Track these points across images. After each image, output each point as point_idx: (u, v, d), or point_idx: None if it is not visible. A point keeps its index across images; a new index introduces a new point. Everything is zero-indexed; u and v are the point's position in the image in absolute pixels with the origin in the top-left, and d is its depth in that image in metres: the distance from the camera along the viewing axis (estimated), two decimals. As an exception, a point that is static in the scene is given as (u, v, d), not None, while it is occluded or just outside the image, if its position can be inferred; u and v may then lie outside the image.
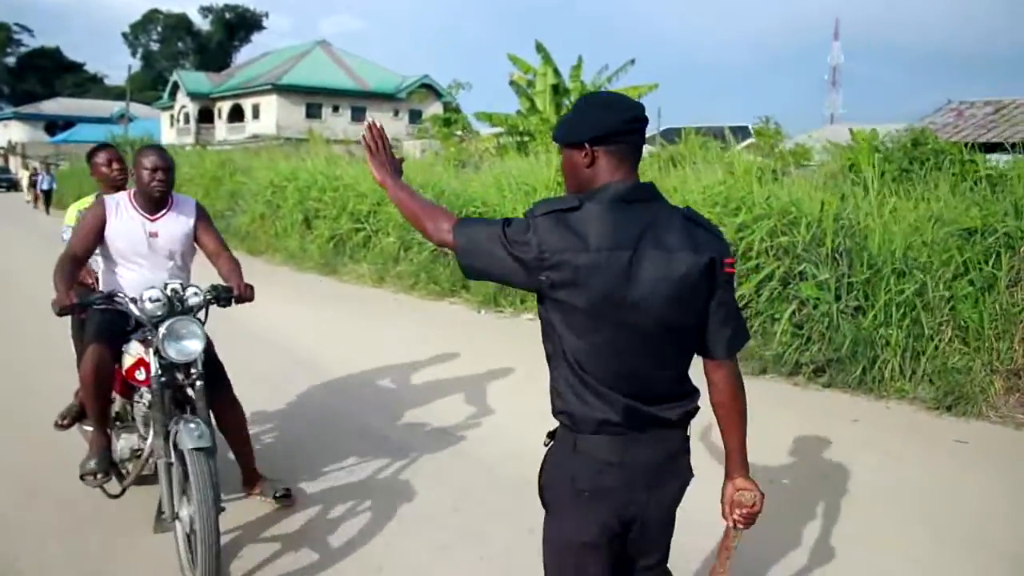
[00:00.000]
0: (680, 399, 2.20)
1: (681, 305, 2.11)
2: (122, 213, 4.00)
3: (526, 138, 20.67)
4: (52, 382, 5.65)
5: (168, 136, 47.41)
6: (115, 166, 4.72)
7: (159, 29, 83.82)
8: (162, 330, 3.49)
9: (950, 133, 19.48)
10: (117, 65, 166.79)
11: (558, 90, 21.46)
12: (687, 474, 2.31)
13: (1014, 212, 7.15)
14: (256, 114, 46.34)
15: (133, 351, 3.77)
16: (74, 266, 3.83)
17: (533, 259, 2.06)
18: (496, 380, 6.83)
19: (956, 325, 6.75)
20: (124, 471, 4.00)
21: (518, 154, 16.75)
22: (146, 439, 3.76)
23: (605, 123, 2.13)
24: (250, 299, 3.89)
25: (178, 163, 16.76)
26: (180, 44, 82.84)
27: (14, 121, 61.53)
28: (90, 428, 4.09)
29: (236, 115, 48.16)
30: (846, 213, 7.58)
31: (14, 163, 51.83)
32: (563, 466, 2.19)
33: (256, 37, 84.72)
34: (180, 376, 3.63)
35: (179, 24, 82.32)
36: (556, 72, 21.24)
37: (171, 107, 52.75)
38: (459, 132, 25.49)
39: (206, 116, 50.22)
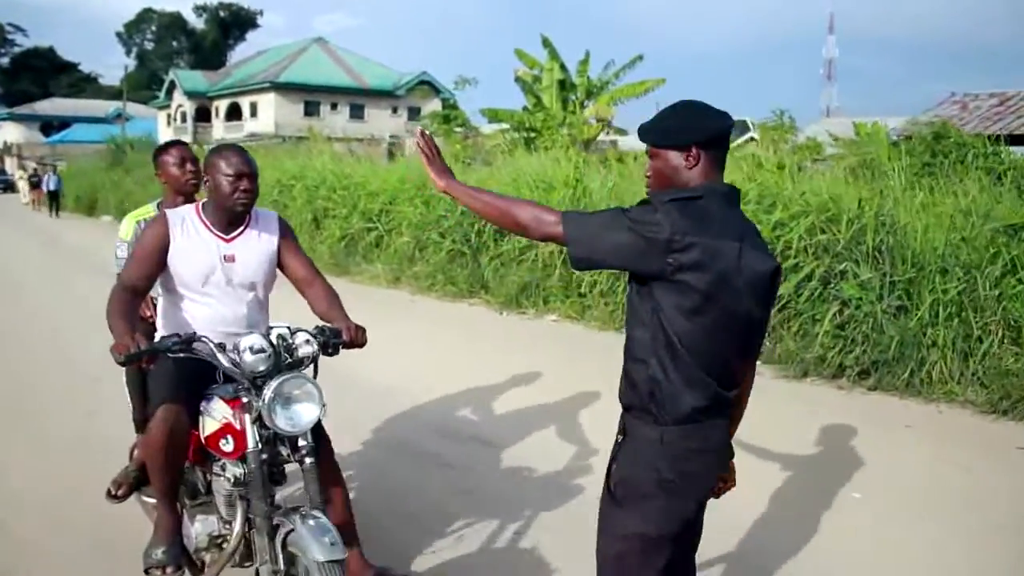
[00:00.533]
0: (738, 387, 2.35)
1: (762, 301, 2.29)
2: (189, 232, 3.15)
3: (532, 134, 20.47)
4: (66, 399, 5.45)
5: (165, 135, 46.91)
6: (188, 168, 3.89)
7: (153, 28, 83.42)
8: (268, 392, 2.68)
9: (956, 126, 19.27)
10: (111, 65, 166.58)
11: (564, 86, 21.24)
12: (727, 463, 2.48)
13: (1059, 207, 6.94)
14: (254, 112, 46.02)
15: (217, 413, 2.94)
16: (133, 300, 3.04)
17: (664, 240, 2.13)
18: (580, 404, 6.19)
19: (1006, 325, 6.52)
20: (199, 562, 3.17)
21: (526, 150, 16.49)
22: (230, 523, 3.04)
23: (714, 128, 2.29)
24: (362, 344, 2.98)
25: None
26: (175, 43, 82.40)
27: (9, 122, 61.07)
28: (152, 500, 3.41)
29: (234, 114, 47.85)
30: (887, 210, 7.35)
31: (10, 164, 51.39)
32: (646, 459, 2.24)
33: (251, 35, 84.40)
34: (285, 451, 2.86)
35: (173, 23, 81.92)
36: (563, 67, 21.01)
37: (168, 106, 52.41)
38: (458, 129, 25.28)
39: (203, 115, 49.89)
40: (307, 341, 2.83)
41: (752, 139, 27.21)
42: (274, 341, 2.77)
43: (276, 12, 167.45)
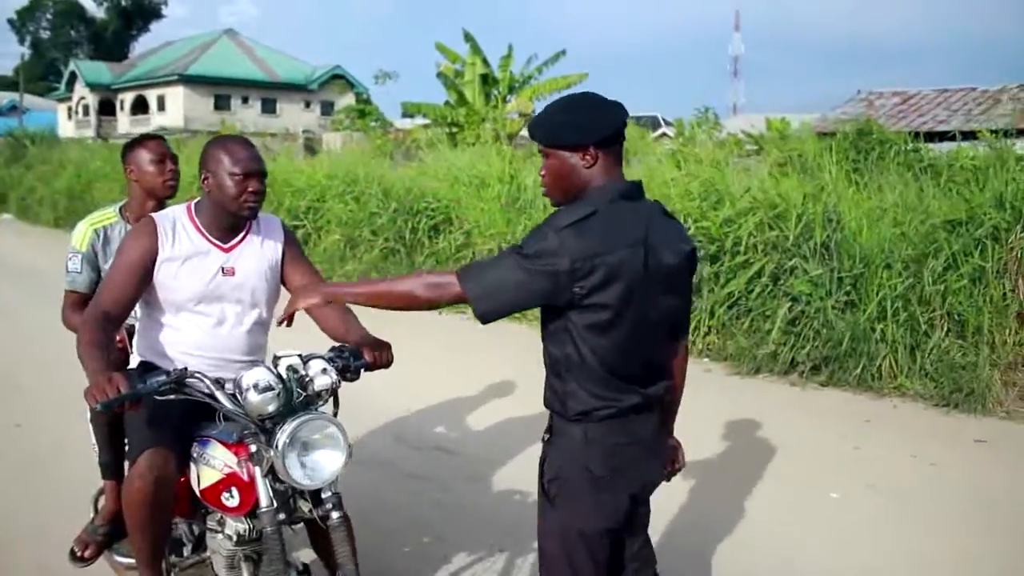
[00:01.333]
0: (664, 379, 2.32)
1: (678, 292, 2.27)
2: (182, 240, 2.64)
3: (455, 129, 20.22)
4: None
5: (66, 129, 44.94)
6: (169, 167, 3.32)
7: (49, 16, 79.75)
8: (282, 439, 2.23)
9: (846, 124, 19.84)
10: (2, 54, 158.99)
11: (487, 80, 21.05)
12: (666, 451, 2.46)
13: (997, 203, 7.08)
14: (162, 106, 44.42)
15: (217, 461, 2.44)
16: (108, 330, 2.49)
17: (566, 272, 2.05)
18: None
19: (952, 319, 6.63)
20: None
21: (449, 146, 16.24)
22: None
23: (611, 125, 2.18)
24: (388, 364, 2.53)
25: (88, 158, 15.71)
26: (73, 32, 78.93)
27: None
28: (127, 561, 2.99)
29: (140, 107, 46.08)
30: (832, 205, 7.40)
31: None
32: (575, 457, 2.19)
33: (155, 26, 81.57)
34: (306, 506, 2.41)
35: (71, 10, 78.42)
36: (485, 62, 20.82)
37: (69, 98, 50.10)
38: (374, 123, 24.88)
39: (107, 108, 47.89)
40: (324, 370, 2.35)
41: (665, 135, 27.54)
42: (284, 375, 2.32)
43: (181, 2, 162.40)
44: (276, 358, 2.37)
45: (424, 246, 10.47)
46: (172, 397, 2.30)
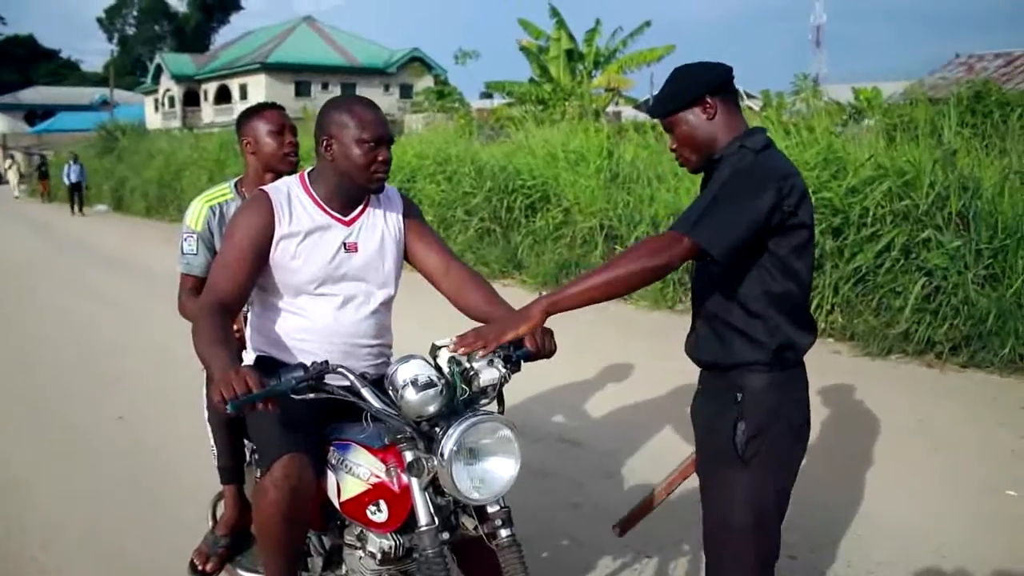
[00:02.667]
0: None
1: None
2: (299, 214, 2.36)
3: (540, 106, 19.85)
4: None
5: (153, 121, 45.98)
6: (288, 139, 3.02)
7: (135, 13, 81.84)
8: (449, 445, 1.91)
9: (962, 86, 18.85)
10: (92, 51, 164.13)
11: (572, 56, 20.60)
12: None
13: None
14: (244, 95, 44.98)
15: (362, 469, 2.14)
16: (227, 320, 2.23)
17: (775, 186, 2.04)
18: (652, 392, 5.56)
19: (1110, 292, 6.03)
20: None
21: (535, 123, 15.88)
22: None
23: (716, 72, 2.20)
24: (551, 353, 2.20)
25: (176, 148, 15.83)
26: (157, 27, 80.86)
27: (-8, 112, 59.87)
28: None
29: (223, 97, 46.81)
30: (968, 172, 6.84)
31: (-5, 154, 50.39)
32: (775, 409, 2.12)
33: (234, 18, 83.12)
34: (471, 523, 2.07)
35: (154, 7, 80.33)
36: (571, 37, 20.36)
37: (155, 91, 51.25)
38: (453, 104, 24.69)
39: (192, 99, 48.78)
40: (490, 362, 2.01)
41: (749, 108, 26.71)
42: (445, 368, 1.99)
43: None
44: (435, 348, 2.03)
45: (521, 225, 10.17)
46: (311, 396, 2.02)
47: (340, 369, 2.04)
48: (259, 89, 43.94)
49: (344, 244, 2.38)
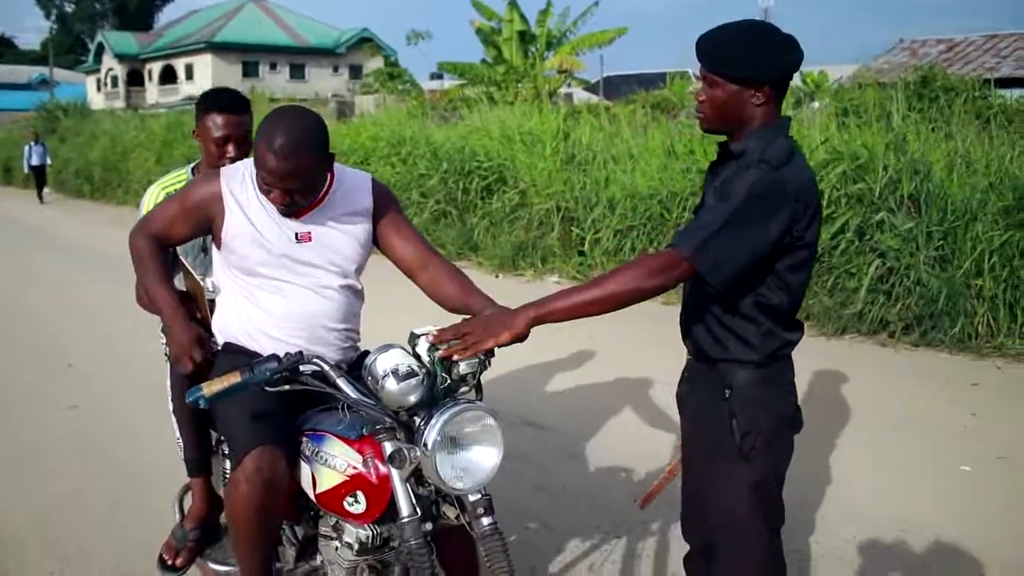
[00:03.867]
0: None
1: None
2: (251, 200, 2.33)
3: (492, 88, 19.75)
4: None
5: (96, 101, 44.75)
6: (230, 151, 2.82)
7: (74, -12, 79.58)
8: (433, 435, 1.88)
9: (906, 71, 19.21)
10: (29, 28, 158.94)
11: (525, 37, 20.49)
12: None
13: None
14: (190, 75, 44.13)
15: (339, 460, 2.08)
16: (162, 260, 2.40)
17: (788, 212, 1.98)
18: (617, 375, 5.71)
19: (1055, 273, 6.19)
20: None
21: (489, 104, 15.80)
22: None
23: (791, 63, 2.06)
24: (524, 337, 2.04)
25: (122, 129, 15.41)
26: (97, 5, 78.62)
27: (-77, 91, 57.86)
28: (225, 569, 2.73)
29: (168, 77, 45.86)
30: (919, 156, 6.95)
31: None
32: (767, 403, 2.14)
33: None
34: (452, 512, 2.05)
35: (95, -18, 78.25)
36: (523, 18, 20.25)
37: (97, 70, 49.96)
38: (403, 85, 24.48)
39: (136, 78, 47.70)
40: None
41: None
42: (425, 357, 1.95)
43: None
44: (414, 336, 1.99)
45: (477, 207, 10.13)
46: (286, 388, 1.98)
47: (315, 360, 2.01)
48: (205, 69, 43.16)
49: (296, 234, 2.33)
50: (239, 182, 2.35)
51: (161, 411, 2.98)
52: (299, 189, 2.23)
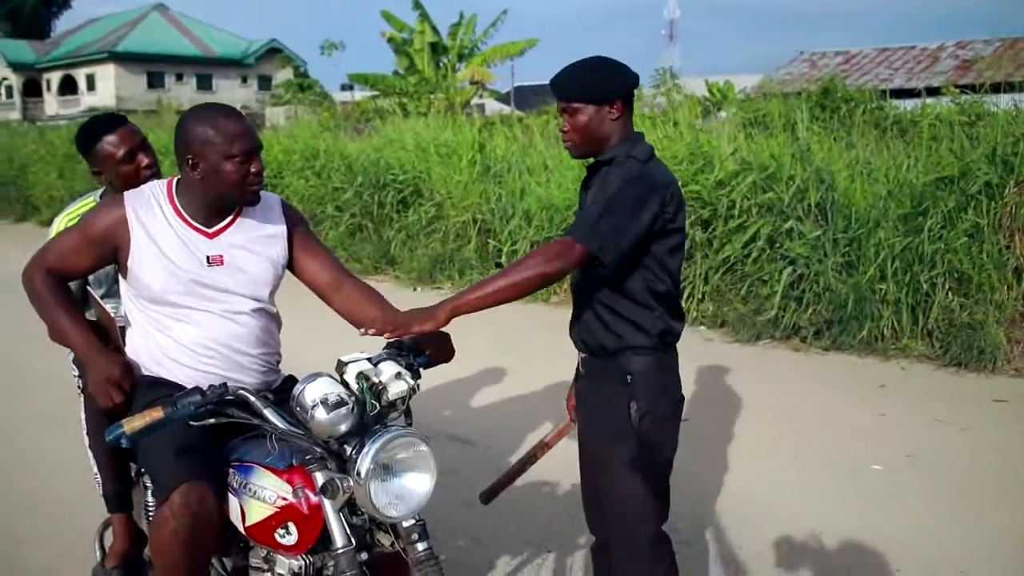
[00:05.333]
0: None
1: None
2: (158, 225, 2.27)
3: (404, 99, 19.72)
4: None
5: (-11, 112, 43.15)
6: (143, 160, 2.74)
7: (-37, -5, 76.31)
8: (366, 464, 1.86)
9: (807, 83, 19.89)
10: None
11: (436, 48, 20.53)
12: None
13: (989, 159, 6.92)
14: (91, 85, 42.80)
15: (268, 492, 2.05)
16: (64, 293, 2.36)
17: (659, 195, 2.26)
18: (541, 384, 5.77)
19: (952, 277, 6.48)
20: None
21: (402, 116, 15.75)
22: None
23: (633, 80, 2.38)
24: (450, 358, 2.25)
25: (19, 142, 14.79)
26: (-11, 11, 75.68)
27: None
28: None
29: (68, 87, 44.38)
30: (824, 165, 7.20)
31: None
32: (661, 386, 2.36)
33: (76, 3, 78.51)
34: (387, 540, 2.02)
35: (-14, -11, 75.18)
36: (435, 30, 20.29)
37: (-11, 80, 48.11)
38: (314, 97, 24.29)
39: (33, 89, 46.03)
40: (398, 375, 1.97)
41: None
42: (353, 384, 1.93)
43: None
44: (341, 364, 1.98)
45: (393, 220, 10.08)
46: (211, 421, 1.95)
47: (240, 391, 1.98)
48: (108, 80, 41.96)
49: (207, 257, 2.28)
50: (144, 205, 2.29)
51: (62, 438, 2.87)
52: (262, 162, 2.27)
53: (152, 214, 2.28)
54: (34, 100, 45.50)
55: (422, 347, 2.18)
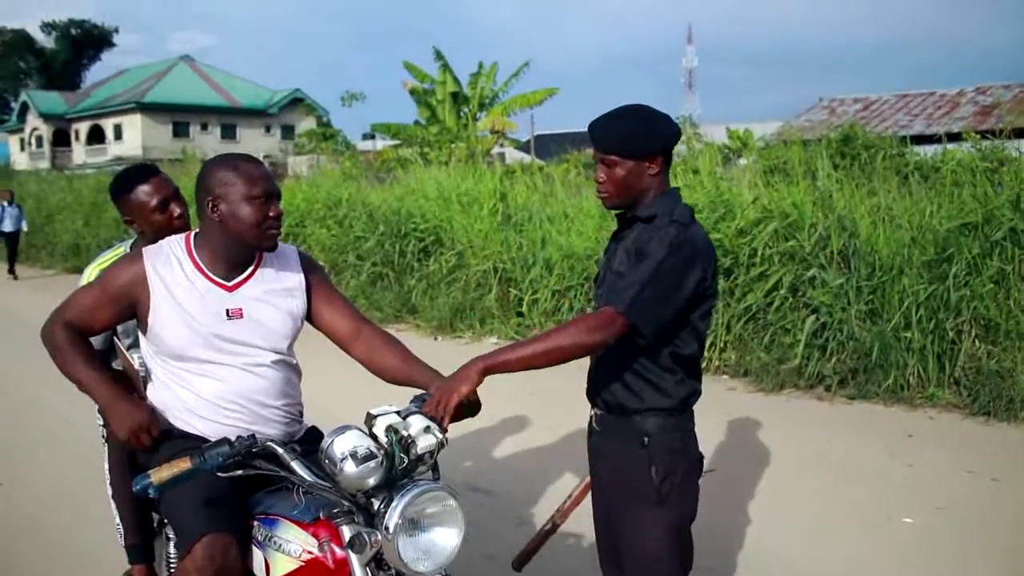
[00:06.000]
0: None
1: None
2: (177, 277, 2.28)
3: (426, 148, 19.93)
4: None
5: (20, 161, 43.90)
6: (175, 210, 2.81)
7: (-3, 47, 78.18)
8: (394, 518, 1.86)
9: (827, 129, 19.92)
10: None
11: (457, 98, 20.78)
12: None
13: (1013, 205, 6.88)
14: (119, 135, 43.58)
15: (293, 546, 2.04)
16: (84, 345, 2.35)
17: (701, 260, 2.23)
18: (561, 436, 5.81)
19: (978, 324, 6.41)
20: None
21: (424, 165, 15.88)
22: None
23: (673, 134, 2.33)
24: (476, 411, 2.19)
25: (47, 190, 14.98)
26: (22, 63, 77.41)
27: None
28: None
29: (96, 137, 45.20)
30: (846, 212, 7.18)
31: None
32: (681, 448, 2.32)
33: (106, 55, 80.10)
34: None
35: (19, 41, 76.69)
36: (456, 80, 20.55)
37: (20, 130, 49.04)
38: (337, 146, 24.58)
39: (62, 138, 46.92)
40: (426, 428, 1.96)
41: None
42: (382, 438, 1.93)
43: (131, 31, 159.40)
44: (371, 417, 1.98)
45: (414, 269, 10.12)
46: (239, 473, 1.95)
47: (268, 443, 1.98)
48: (135, 129, 42.71)
49: (227, 311, 2.29)
50: (164, 261, 2.31)
51: (91, 487, 2.87)
52: (281, 208, 2.32)
53: (171, 268, 2.29)
54: (63, 149, 46.37)
55: None
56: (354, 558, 1.90)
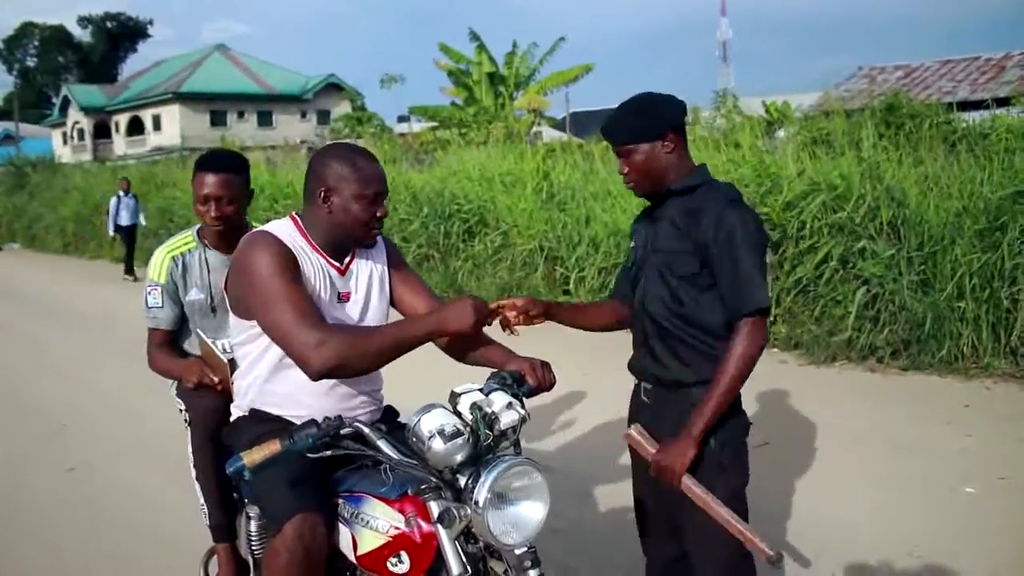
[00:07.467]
0: None
1: None
2: (304, 261, 2.27)
3: (464, 130, 19.97)
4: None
5: (62, 154, 44.57)
6: (212, 212, 2.84)
7: (35, 43, 79.25)
8: (483, 492, 1.90)
9: (867, 98, 19.56)
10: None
11: (494, 78, 20.77)
12: None
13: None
14: (157, 125, 44.10)
15: (380, 522, 2.10)
16: (348, 328, 2.29)
17: (766, 235, 2.41)
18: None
19: (1034, 293, 6.33)
20: None
21: (463, 146, 15.92)
22: None
23: (680, 111, 2.43)
24: (551, 386, 2.26)
25: (92, 183, 15.17)
26: (60, 58, 78.49)
27: None
28: None
29: (135, 128, 45.77)
30: (894, 183, 7.12)
31: None
32: (732, 412, 2.38)
33: (142, 47, 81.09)
34: (500, 568, 2.06)
35: (57, 37, 77.88)
36: (492, 60, 20.53)
37: (63, 124, 49.79)
38: (373, 130, 24.66)
39: (102, 131, 47.56)
40: (509, 405, 2.01)
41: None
42: (467, 415, 1.98)
43: (166, 22, 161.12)
44: (455, 395, 2.03)
45: (459, 250, 10.20)
46: (328, 453, 1.99)
47: (355, 424, 2.03)
48: (173, 119, 43.18)
49: (339, 294, 2.33)
50: (289, 241, 2.27)
51: (163, 469, 2.96)
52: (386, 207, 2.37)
53: (297, 249, 2.26)
54: (104, 141, 47.00)
55: (524, 377, 2.21)
56: (443, 532, 1.96)
